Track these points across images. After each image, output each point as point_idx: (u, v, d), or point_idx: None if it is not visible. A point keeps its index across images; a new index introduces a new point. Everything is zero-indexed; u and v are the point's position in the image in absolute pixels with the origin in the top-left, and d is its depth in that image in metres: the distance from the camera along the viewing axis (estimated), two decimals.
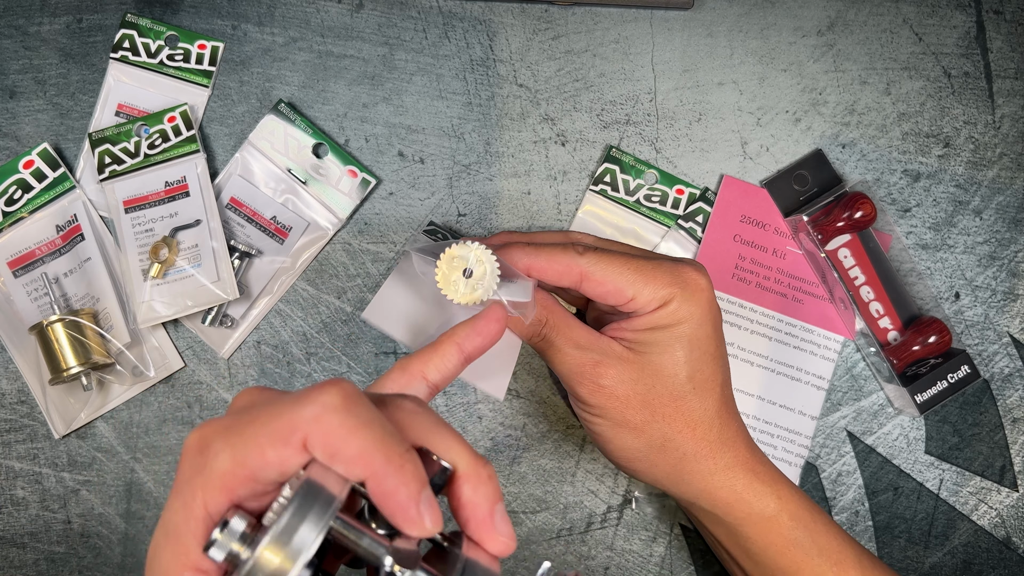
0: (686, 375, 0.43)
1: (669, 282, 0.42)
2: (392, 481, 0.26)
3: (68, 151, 0.59)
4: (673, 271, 0.42)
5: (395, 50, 0.60)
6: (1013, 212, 0.59)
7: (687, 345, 0.43)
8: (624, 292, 0.42)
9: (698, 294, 0.43)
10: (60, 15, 0.59)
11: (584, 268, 0.42)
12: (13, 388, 0.58)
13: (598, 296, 0.43)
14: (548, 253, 0.43)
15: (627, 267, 0.42)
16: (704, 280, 0.43)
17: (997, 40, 0.60)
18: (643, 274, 0.42)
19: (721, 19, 0.60)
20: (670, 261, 0.44)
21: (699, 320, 0.42)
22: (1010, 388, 0.59)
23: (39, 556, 0.58)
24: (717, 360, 0.44)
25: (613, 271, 0.42)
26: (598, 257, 0.42)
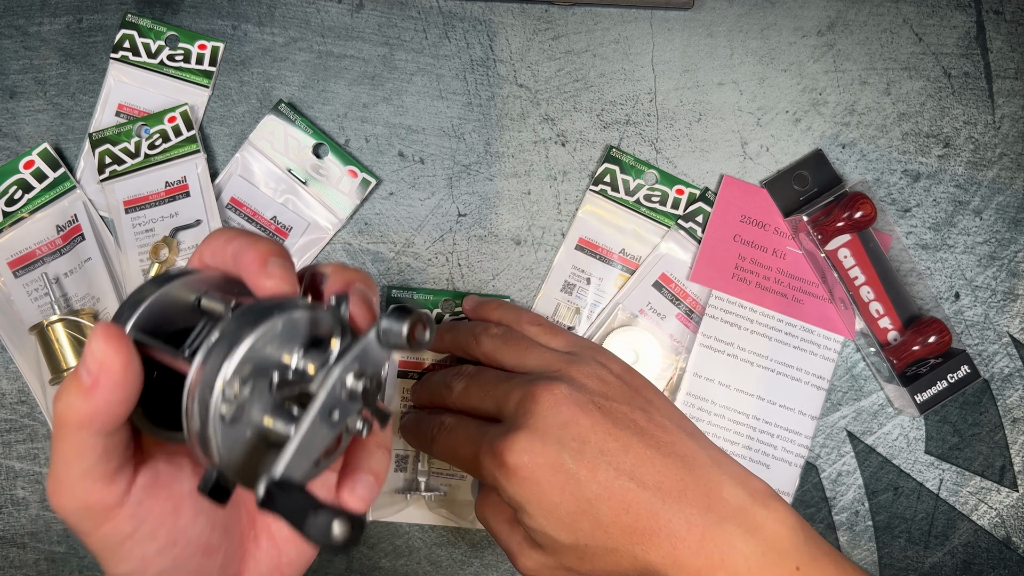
0: (575, 543, 0.40)
1: (484, 471, 0.42)
2: (247, 250, 0.31)
3: (68, 151, 0.59)
4: (487, 452, 0.42)
5: (395, 50, 0.60)
6: (1013, 212, 0.59)
7: (550, 523, 0.40)
8: (469, 474, 0.47)
9: (508, 472, 0.40)
10: (60, 15, 0.59)
11: (432, 452, 0.49)
12: (13, 388, 0.58)
13: None
14: (417, 433, 0.51)
15: (453, 457, 0.46)
16: (518, 456, 0.40)
17: (997, 40, 0.60)
18: (467, 467, 0.45)
19: (721, 19, 0.60)
20: (494, 430, 0.43)
21: (536, 497, 0.40)
22: (1010, 388, 0.59)
23: (39, 556, 0.58)
24: (600, 507, 0.39)
25: (451, 460, 0.46)
26: (441, 440, 0.47)
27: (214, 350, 0.28)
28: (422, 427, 0.49)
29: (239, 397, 0.28)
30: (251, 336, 0.28)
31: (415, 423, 0.50)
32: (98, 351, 0.28)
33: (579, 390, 0.42)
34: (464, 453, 0.43)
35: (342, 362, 0.29)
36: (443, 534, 0.59)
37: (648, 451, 0.40)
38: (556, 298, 0.59)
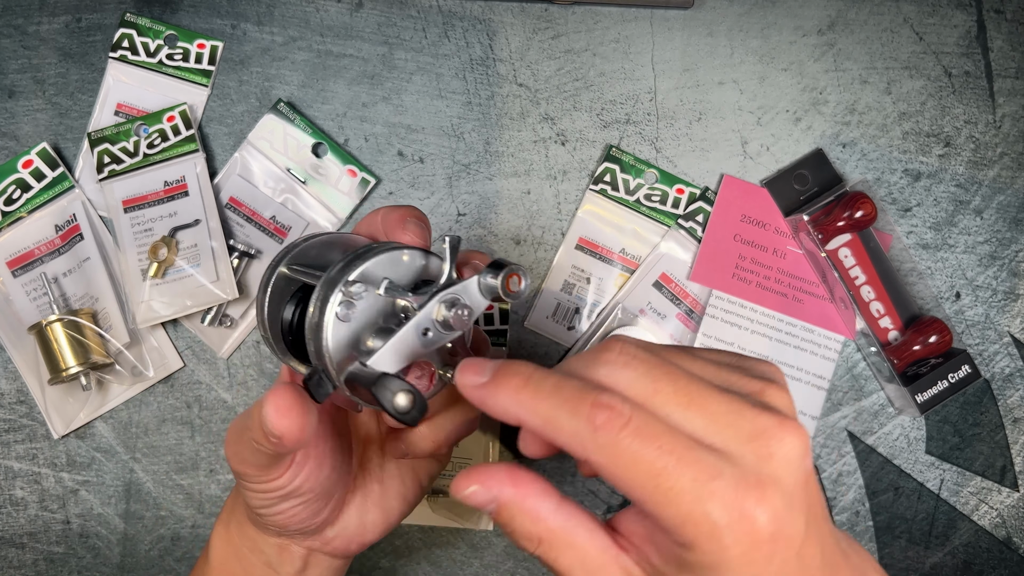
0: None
1: (709, 519, 0.27)
2: (391, 213, 0.38)
3: (67, 151, 0.59)
4: (727, 497, 0.27)
5: (394, 49, 0.59)
6: (1014, 212, 0.59)
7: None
8: (644, 507, 0.28)
9: (759, 543, 0.27)
10: (59, 14, 0.59)
11: (592, 456, 0.28)
12: (12, 388, 0.58)
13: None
14: (544, 409, 0.29)
15: (657, 476, 0.27)
16: (776, 510, 0.27)
17: (998, 39, 0.60)
18: (671, 497, 0.27)
19: (721, 18, 0.60)
20: (731, 468, 0.27)
21: (756, 573, 0.27)
22: (1011, 388, 0.59)
23: (38, 556, 0.58)
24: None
25: (632, 476, 0.27)
26: (622, 443, 0.27)
27: (342, 263, 0.33)
28: (563, 394, 0.29)
29: (354, 298, 0.32)
30: (372, 256, 0.33)
31: (532, 378, 0.30)
32: (277, 425, 0.32)
33: (805, 432, 0.30)
34: (677, 481, 0.27)
35: (441, 292, 0.33)
36: (443, 535, 0.59)
37: (827, 523, 0.31)
38: (556, 298, 0.59)
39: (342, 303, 0.32)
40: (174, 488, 0.59)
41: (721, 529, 0.27)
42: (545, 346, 0.59)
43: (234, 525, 0.42)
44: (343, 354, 0.33)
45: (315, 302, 0.33)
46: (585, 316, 0.58)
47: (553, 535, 0.30)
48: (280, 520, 0.38)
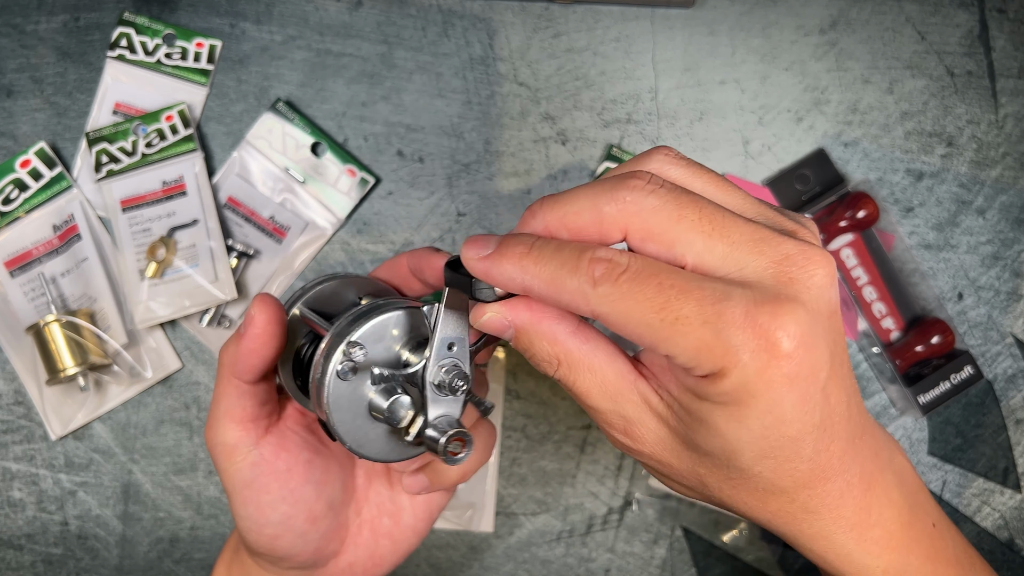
0: (751, 466, 0.29)
1: (721, 341, 0.26)
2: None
3: (65, 150, 0.59)
4: (737, 317, 0.26)
5: (394, 48, 0.59)
6: (1017, 212, 0.59)
7: (751, 435, 0.28)
8: (656, 349, 0.27)
9: (778, 360, 0.26)
10: (57, 13, 0.59)
11: (595, 308, 0.27)
12: (10, 389, 0.58)
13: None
14: (546, 272, 0.28)
15: (659, 310, 0.26)
16: (796, 326, 0.26)
17: (1000, 39, 0.59)
18: (678, 327, 0.26)
19: (723, 17, 0.59)
20: (742, 290, 0.26)
21: (775, 401, 0.27)
22: (1014, 389, 0.58)
23: (36, 558, 0.58)
24: (810, 438, 0.28)
25: (636, 316, 0.27)
26: (620, 289, 0.27)
27: (348, 320, 0.35)
28: (562, 256, 0.28)
29: (355, 359, 0.33)
30: (376, 316, 0.35)
31: (533, 246, 0.29)
32: (251, 309, 0.35)
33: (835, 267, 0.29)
34: (679, 310, 0.26)
35: (428, 368, 0.34)
36: (442, 536, 0.59)
37: (855, 384, 0.31)
38: None
39: (343, 363, 0.33)
40: (172, 489, 0.58)
41: (736, 349, 0.26)
42: None
43: (236, 565, 0.42)
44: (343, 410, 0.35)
45: (319, 357, 0.35)
46: None
47: (571, 356, 0.30)
48: (268, 542, 0.38)
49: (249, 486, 0.37)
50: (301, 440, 0.39)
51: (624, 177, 0.28)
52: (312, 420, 0.40)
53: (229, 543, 0.44)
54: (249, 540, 0.39)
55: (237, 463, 0.37)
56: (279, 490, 0.38)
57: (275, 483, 0.38)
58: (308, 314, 0.38)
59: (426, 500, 0.43)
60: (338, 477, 0.40)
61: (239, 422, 0.37)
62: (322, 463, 0.40)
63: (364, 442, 0.35)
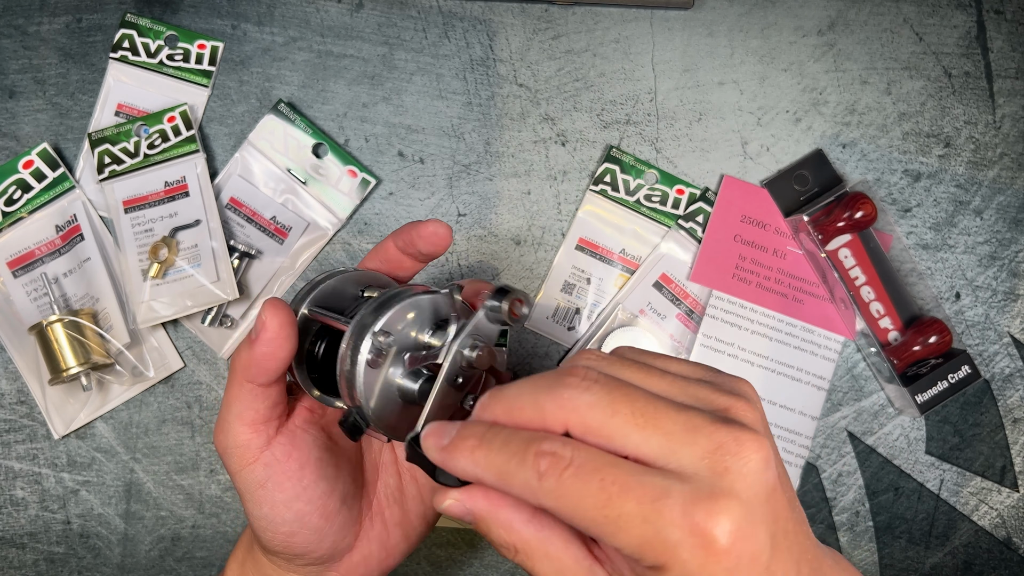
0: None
1: (661, 539, 0.27)
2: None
3: (68, 151, 0.59)
4: (676, 516, 0.27)
5: (395, 50, 0.59)
6: (1014, 212, 0.59)
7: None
8: (602, 541, 0.29)
9: (716, 556, 0.27)
10: (60, 15, 0.59)
11: (543, 502, 0.29)
12: (13, 388, 0.58)
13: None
14: (495, 464, 0.30)
15: (603, 507, 0.28)
16: (731, 522, 0.27)
17: (998, 40, 0.60)
18: (620, 524, 0.28)
19: (721, 18, 0.60)
20: (680, 485, 0.28)
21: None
22: (1011, 388, 0.59)
23: (38, 556, 0.58)
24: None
25: (581, 513, 0.28)
26: (565, 484, 0.28)
27: (368, 311, 0.36)
28: (510, 449, 0.30)
29: (383, 346, 0.35)
30: (396, 303, 0.35)
31: (484, 439, 0.31)
32: (263, 314, 0.36)
33: (771, 445, 0.30)
34: (622, 508, 0.28)
35: (459, 337, 0.35)
36: (443, 535, 0.59)
37: (800, 533, 0.31)
38: (556, 298, 0.59)
39: (371, 351, 0.35)
40: (174, 488, 0.59)
41: (675, 546, 0.27)
42: (545, 346, 0.59)
43: (249, 564, 0.43)
44: (375, 397, 0.36)
45: (346, 349, 0.35)
46: (585, 317, 0.59)
47: (528, 545, 0.31)
48: (283, 540, 0.39)
49: (263, 486, 0.38)
50: (311, 438, 0.40)
51: (562, 374, 0.30)
52: (321, 417, 0.41)
53: (242, 541, 0.45)
54: (265, 539, 0.39)
55: (250, 465, 0.38)
56: (293, 488, 0.38)
57: (288, 482, 0.38)
58: (320, 312, 0.39)
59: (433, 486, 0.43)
60: (348, 472, 0.41)
61: (251, 425, 0.38)
62: (333, 459, 0.40)
63: (394, 427, 0.36)
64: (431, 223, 0.40)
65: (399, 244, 0.41)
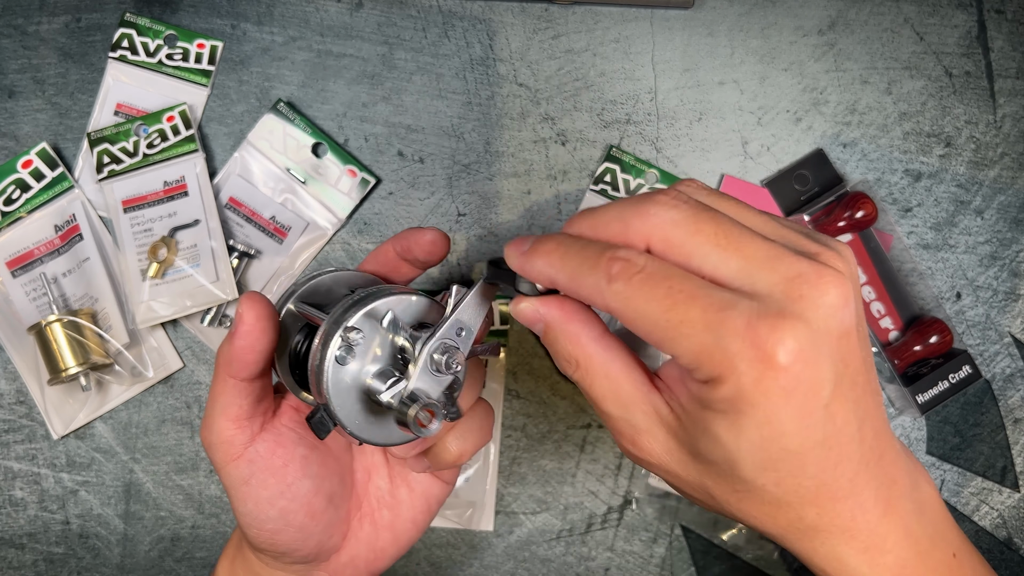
0: (754, 477, 0.29)
1: (720, 348, 0.27)
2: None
3: (67, 151, 0.59)
4: (739, 326, 0.27)
5: (394, 49, 0.59)
6: (1015, 212, 0.59)
7: (750, 445, 0.28)
8: (661, 347, 0.29)
9: (774, 372, 0.27)
10: (59, 14, 0.59)
11: (609, 303, 0.29)
12: (11, 388, 0.58)
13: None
14: (569, 267, 0.30)
15: (667, 311, 0.28)
16: (794, 342, 0.27)
17: (999, 39, 0.59)
18: (682, 330, 0.28)
19: (722, 18, 0.60)
20: (749, 301, 0.27)
21: (773, 413, 0.27)
22: (1012, 388, 0.59)
23: (38, 557, 0.58)
24: (812, 455, 0.29)
25: (645, 315, 0.28)
26: (633, 287, 0.28)
27: (344, 307, 0.35)
28: (586, 253, 0.30)
29: (353, 343, 0.34)
30: (372, 300, 0.35)
31: (562, 244, 0.31)
32: (240, 307, 0.36)
33: (855, 292, 0.29)
34: (686, 314, 0.27)
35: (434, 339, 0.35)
36: (443, 535, 0.59)
37: (875, 397, 0.30)
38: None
39: (341, 347, 0.34)
40: (174, 488, 0.58)
41: (733, 356, 0.27)
42: None
43: (239, 561, 0.43)
44: (342, 395, 0.35)
45: (318, 344, 0.35)
46: None
47: (590, 360, 0.32)
48: (268, 537, 0.38)
49: (247, 482, 0.38)
50: (297, 436, 0.39)
51: (652, 193, 0.30)
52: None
53: (232, 540, 0.45)
54: (250, 536, 0.39)
55: (234, 461, 0.38)
56: (276, 485, 0.38)
57: (272, 479, 0.38)
58: (302, 307, 0.38)
59: (425, 493, 0.43)
60: (336, 472, 0.41)
61: (234, 420, 0.38)
62: (319, 458, 0.40)
63: (363, 427, 0.36)
64: (429, 231, 0.40)
65: (397, 249, 0.41)
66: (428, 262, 0.41)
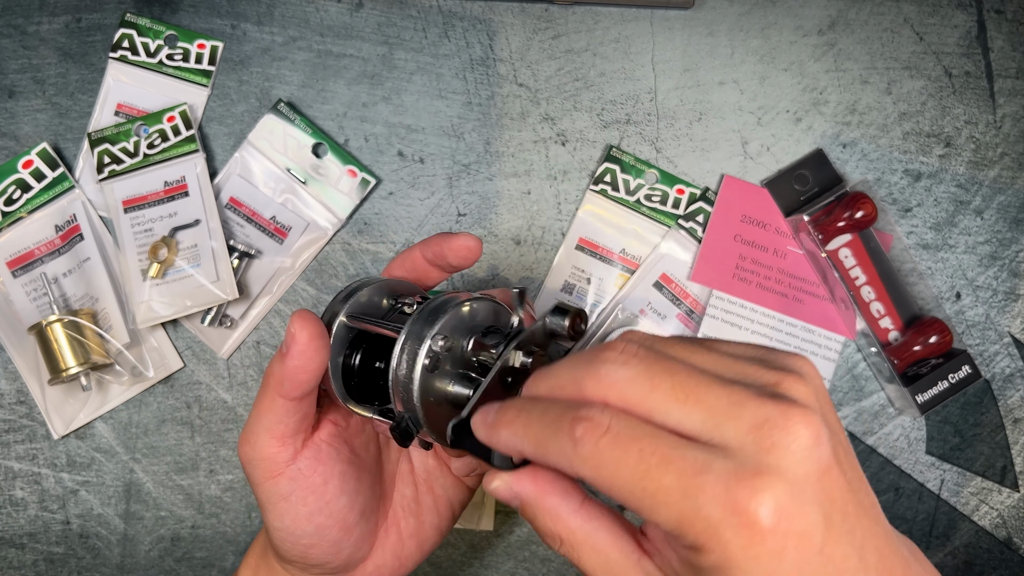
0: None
1: (702, 517, 0.26)
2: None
3: (67, 151, 0.59)
4: (718, 492, 0.26)
5: (395, 49, 0.59)
6: (1014, 212, 0.59)
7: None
8: (640, 515, 0.27)
9: (760, 536, 0.26)
10: (59, 14, 0.59)
11: (579, 470, 0.28)
12: (12, 388, 0.58)
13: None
14: (533, 433, 0.29)
15: (641, 479, 0.27)
16: (775, 501, 0.26)
17: (998, 39, 0.60)
18: (659, 498, 0.27)
19: (722, 18, 0.60)
20: (723, 461, 0.26)
21: (769, 573, 0.26)
22: (1011, 388, 0.59)
23: (38, 557, 0.58)
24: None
25: (619, 484, 0.27)
26: (602, 452, 0.27)
27: (422, 317, 0.36)
28: (548, 418, 0.29)
29: (440, 351, 0.35)
30: (450, 309, 0.36)
31: (523, 410, 0.31)
32: (292, 327, 0.36)
33: (825, 422, 0.28)
34: (660, 481, 0.27)
35: (515, 340, 0.35)
36: None
37: (868, 519, 0.29)
38: (556, 298, 0.59)
39: (428, 356, 0.35)
40: (174, 488, 0.58)
41: (716, 524, 0.26)
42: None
43: (263, 570, 0.43)
44: (430, 402, 0.36)
45: (403, 356, 0.35)
46: None
47: (574, 536, 0.31)
48: (302, 551, 0.39)
49: (286, 499, 0.38)
50: (335, 452, 0.39)
51: (600, 350, 0.29)
52: (345, 430, 0.40)
53: (254, 547, 0.44)
54: (283, 550, 0.39)
55: (275, 478, 0.38)
56: (316, 502, 0.38)
57: (312, 496, 0.38)
58: (363, 319, 0.39)
59: (448, 498, 0.43)
60: (369, 486, 0.41)
61: (279, 438, 0.37)
62: (355, 473, 0.40)
63: (443, 433, 0.36)
64: (462, 236, 0.40)
65: (428, 255, 0.41)
66: (460, 267, 0.41)
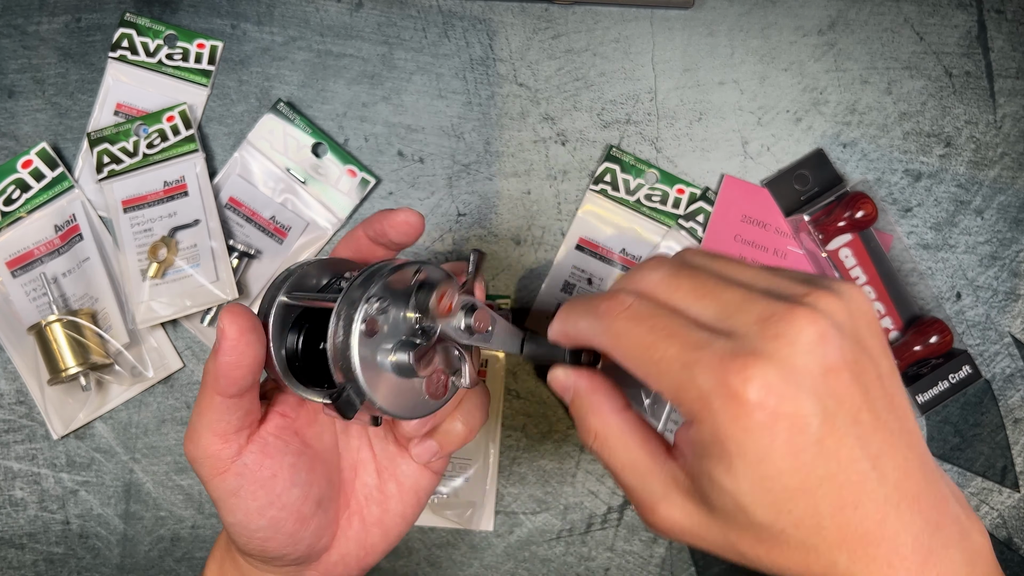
0: (771, 521, 0.29)
1: (695, 385, 0.28)
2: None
3: (67, 151, 0.59)
4: (713, 364, 0.28)
5: (394, 49, 0.59)
6: (1015, 212, 0.59)
7: (750, 485, 0.29)
8: (646, 383, 0.30)
9: (747, 408, 0.28)
10: (59, 14, 0.59)
11: (599, 340, 0.32)
12: (11, 388, 0.58)
13: None
14: (573, 316, 0.34)
15: (648, 348, 0.30)
16: (763, 379, 0.27)
17: (998, 39, 0.59)
18: (662, 367, 0.29)
19: (722, 18, 0.60)
20: (724, 340, 0.29)
21: (762, 449, 0.28)
22: (1011, 388, 0.59)
23: (38, 557, 0.58)
24: (822, 492, 0.29)
25: (630, 352, 0.30)
26: (619, 324, 0.31)
27: (355, 283, 0.35)
28: (592, 303, 0.34)
29: (376, 314, 0.34)
30: (386, 274, 0.35)
31: (576, 301, 0.35)
32: (221, 322, 0.35)
33: (841, 330, 0.29)
34: (665, 351, 0.29)
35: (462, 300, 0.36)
36: (443, 535, 0.59)
37: (893, 437, 0.30)
38: (556, 298, 0.59)
39: (364, 319, 0.34)
40: (174, 489, 0.58)
41: (707, 394, 0.28)
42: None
43: (228, 563, 0.42)
44: (370, 371, 0.35)
45: (338, 322, 0.34)
46: None
47: (608, 431, 0.34)
48: (259, 544, 0.38)
49: (235, 495, 0.37)
50: (283, 444, 0.39)
51: (643, 261, 0.34)
52: (294, 421, 0.40)
53: (220, 541, 0.44)
54: (240, 544, 0.39)
55: (221, 475, 0.37)
56: (265, 496, 0.38)
57: (261, 490, 0.37)
58: (301, 296, 0.37)
59: (414, 486, 0.43)
60: (323, 475, 0.40)
61: (221, 435, 0.37)
62: (306, 464, 0.39)
63: (390, 403, 0.35)
64: (402, 211, 0.39)
65: (370, 233, 0.40)
66: (403, 243, 0.40)
